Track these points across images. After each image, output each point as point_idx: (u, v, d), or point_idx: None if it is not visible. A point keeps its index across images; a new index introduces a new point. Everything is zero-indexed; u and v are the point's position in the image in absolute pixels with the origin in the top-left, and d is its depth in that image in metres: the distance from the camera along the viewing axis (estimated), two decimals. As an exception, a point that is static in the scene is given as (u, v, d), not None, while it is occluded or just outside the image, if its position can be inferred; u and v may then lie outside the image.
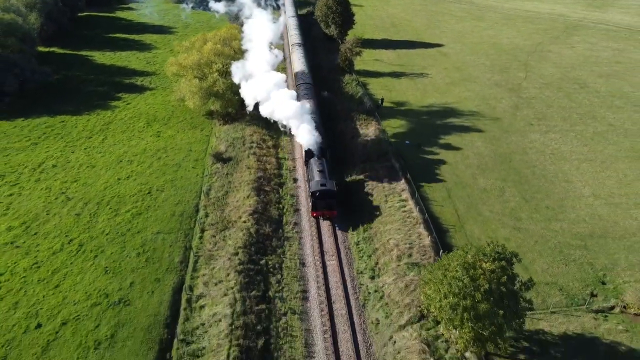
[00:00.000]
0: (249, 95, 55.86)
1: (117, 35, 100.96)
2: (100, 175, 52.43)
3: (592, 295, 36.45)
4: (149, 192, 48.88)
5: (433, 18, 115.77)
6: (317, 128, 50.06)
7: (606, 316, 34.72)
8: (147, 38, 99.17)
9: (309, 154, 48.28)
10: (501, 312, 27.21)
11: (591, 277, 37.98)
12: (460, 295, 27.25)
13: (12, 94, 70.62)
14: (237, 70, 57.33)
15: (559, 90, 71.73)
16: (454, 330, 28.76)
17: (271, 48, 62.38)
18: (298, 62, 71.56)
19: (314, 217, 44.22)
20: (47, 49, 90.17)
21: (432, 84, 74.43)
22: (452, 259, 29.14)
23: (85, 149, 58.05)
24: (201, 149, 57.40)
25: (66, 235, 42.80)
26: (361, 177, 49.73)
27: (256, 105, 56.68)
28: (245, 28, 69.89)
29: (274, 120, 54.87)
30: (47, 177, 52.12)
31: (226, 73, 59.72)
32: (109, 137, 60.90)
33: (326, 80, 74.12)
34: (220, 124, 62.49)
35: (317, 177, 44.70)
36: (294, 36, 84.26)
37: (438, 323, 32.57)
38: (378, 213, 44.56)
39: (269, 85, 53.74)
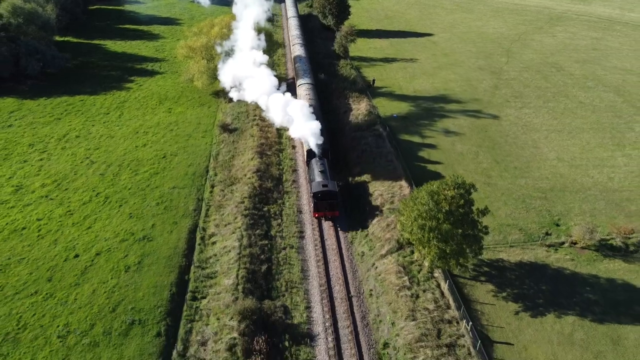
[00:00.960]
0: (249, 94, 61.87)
1: (127, 26, 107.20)
2: (119, 144, 58.68)
3: (547, 234, 42.67)
4: (163, 157, 55.15)
5: (425, 10, 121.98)
6: (319, 125, 49.98)
7: (556, 249, 40.96)
8: (155, 29, 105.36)
9: (310, 154, 48.38)
10: (460, 231, 33.43)
11: (547, 221, 44.22)
12: (426, 217, 33.48)
13: (35, 77, 76.85)
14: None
15: (537, 73, 77.97)
16: (422, 249, 34.94)
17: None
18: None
19: (315, 217, 44.10)
20: (62, 38, 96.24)
21: (420, 68, 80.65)
22: (421, 190, 35.41)
23: (104, 123, 64.27)
24: (209, 122, 63.61)
25: (93, 190, 49.08)
26: (354, 144, 55.92)
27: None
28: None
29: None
30: (71, 145, 58.36)
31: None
32: (125, 113, 67.13)
33: (322, 65, 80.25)
34: (225, 102, 68.67)
35: (318, 177, 44.56)
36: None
37: (412, 252, 38.83)
38: (368, 175, 50.73)
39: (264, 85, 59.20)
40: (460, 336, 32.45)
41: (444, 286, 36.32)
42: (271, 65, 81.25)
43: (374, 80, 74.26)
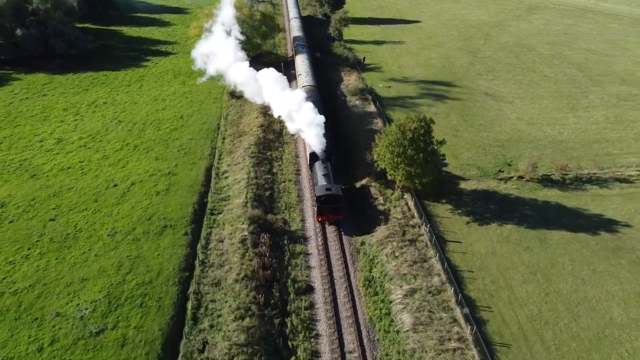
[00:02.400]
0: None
1: (139, 14, 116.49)
2: (141, 108, 67.97)
3: (500, 171, 51.97)
4: (181, 117, 64.45)
5: (415, 1, 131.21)
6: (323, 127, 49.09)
7: (506, 181, 50.30)
8: (165, 17, 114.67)
9: (313, 157, 47.89)
10: (422, 155, 42.67)
11: (501, 162, 53.54)
12: (395, 145, 42.75)
13: (61, 57, 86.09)
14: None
15: (509, 53, 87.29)
16: (393, 172, 44.18)
17: None
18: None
19: (319, 222, 43.59)
20: (82, 25, 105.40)
21: (406, 49, 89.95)
22: (392, 125, 44.71)
23: (126, 92, 73.58)
24: (219, 91, 72.83)
25: (123, 141, 58.40)
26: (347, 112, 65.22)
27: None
28: None
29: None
30: (100, 109, 67.66)
31: (241, 34, 75.00)
32: (144, 85, 76.42)
33: (319, 46, 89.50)
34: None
35: (321, 181, 43.97)
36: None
37: (388, 181, 48.04)
38: (358, 134, 60.01)
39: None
40: (420, 235, 41.78)
41: (411, 204, 45.65)
42: (272, 46, 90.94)
43: (364, 58, 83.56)
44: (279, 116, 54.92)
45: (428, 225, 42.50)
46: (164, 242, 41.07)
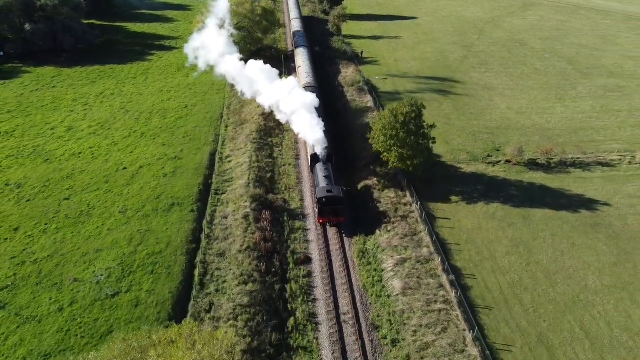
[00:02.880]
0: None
1: (143, 11, 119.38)
2: (147, 98, 70.87)
3: (489, 156, 54.80)
4: (185, 107, 67.35)
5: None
6: (325, 130, 48.90)
7: (494, 165, 53.16)
8: (168, 13, 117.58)
9: (314, 158, 47.54)
10: (413, 138, 45.51)
11: (490, 147, 56.39)
12: (388, 128, 45.60)
13: (69, 51, 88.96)
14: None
15: (502, 47, 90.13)
16: (387, 154, 47.02)
17: None
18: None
19: (320, 223, 43.40)
20: (88, 21, 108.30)
21: (402, 44, 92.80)
22: (385, 110, 47.56)
23: (133, 84, 76.49)
24: (222, 83, 75.51)
25: (131, 129, 61.31)
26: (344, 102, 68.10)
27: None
28: None
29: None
30: (108, 100, 70.55)
31: (242, 28, 77.98)
32: (149, 77, 79.34)
33: (318, 41, 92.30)
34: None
35: (322, 183, 43.60)
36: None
37: (381, 164, 50.83)
38: (354, 121, 62.86)
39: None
40: (411, 212, 44.65)
41: (404, 184, 48.51)
42: (273, 41, 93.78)
43: (362, 52, 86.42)
44: (269, 107, 56.00)
45: (419, 203, 45.39)
46: (172, 218, 43.97)
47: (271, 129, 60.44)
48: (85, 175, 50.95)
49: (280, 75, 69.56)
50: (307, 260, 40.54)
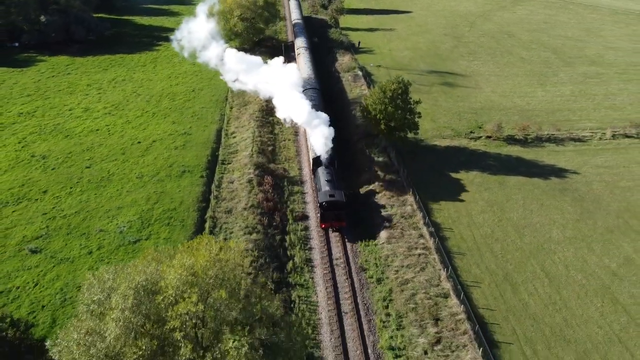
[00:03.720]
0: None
1: (149, 6, 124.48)
2: (157, 84, 75.99)
3: (471, 132, 59.91)
4: (193, 90, 72.51)
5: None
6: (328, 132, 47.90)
7: (475, 140, 58.26)
8: (174, 7, 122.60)
9: (317, 162, 47.10)
10: (400, 112, 50.61)
11: (473, 125, 61.49)
12: (378, 103, 50.71)
13: (80, 42, 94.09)
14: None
15: (491, 38, 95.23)
16: (377, 127, 52.12)
17: None
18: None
19: (322, 228, 42.92)
20: (96, 15, 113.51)
21: (397, 35, 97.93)
22: (376, 87, 52.68)
23: (142, 71, 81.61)
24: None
25: (143, 110, 66.43)
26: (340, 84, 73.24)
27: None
28: None
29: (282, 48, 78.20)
30: (120, 85, 75.68)
31: (245, 19, 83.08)
32: (158, 65, 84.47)
33: (317, 33, 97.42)
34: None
35: (325, 187, 43.11)
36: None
37: (374, 137, 55.98)
38: (350, 101, 67.96)
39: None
40: (398, 178, 49.75)
41: (392, 155, 53.64)
42: (274, 33, 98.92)
43: (359, 42, 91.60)
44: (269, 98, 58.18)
45: (405, 170, 50.53)
46: (183, 182, 49.14)
47: (272, 109, 65.21)
48: (104, 148, 56.09)
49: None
50: (305, 217, 45.66)
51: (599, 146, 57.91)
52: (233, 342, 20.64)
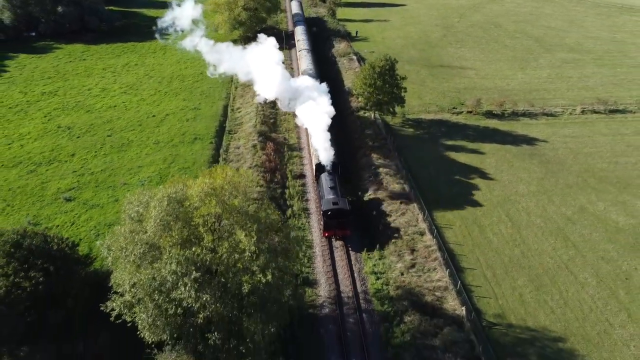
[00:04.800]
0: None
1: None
2: (167, 68, 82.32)
3: (454, 108, 66.15)
4: (201, 73, 78.76)
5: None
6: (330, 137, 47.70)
7: (457, 114, 64.53)
8: (179, 1, 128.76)
9: (320, 168, 46.47)
10: (387, 86, 56.88)
11: (456, 102, 67.73)
12: (367, 78, 56.97)
13: (94, 31, 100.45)
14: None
15: (479, 28, 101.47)
16: (367, 101, 58.39)
17: None
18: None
19: (325, 237, 42.04)
20: (107, 7, 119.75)
21: (390, 25, 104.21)
22: (366, 64, 58.94)
23: (153, 57, 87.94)
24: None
25: (156, 89, 72.77)
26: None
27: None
28: None
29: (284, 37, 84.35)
30: (133, 69, 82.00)
31: (248, 8, 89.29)
32: (167, 52, 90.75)
33: (315, 24, 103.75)
34: (242, 45, 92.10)
35: (328, 194, 42.37)
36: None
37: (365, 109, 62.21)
38: (345, 80, 74.22)
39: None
40: (386, 143, 56.02)
41: (382, 127, 59.94)
42: (276, 23, 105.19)
43: (356, 32, 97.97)
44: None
45: (391, 137, 56.85)
46: (195, 147, 55.48)
47: (274, 89, 71.76)
48: (122, 121, 62.43)
49: (281, 49, 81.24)
50: (302, 176, 51.96)
51: (569, 120, 64.12)
52: (245, 235, 26.88)
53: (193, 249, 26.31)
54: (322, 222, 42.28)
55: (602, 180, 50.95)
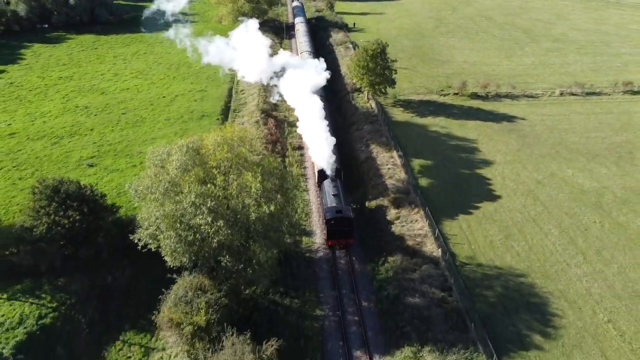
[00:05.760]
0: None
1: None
2: (174, 56, 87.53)
3: (442, 90, 71.39)
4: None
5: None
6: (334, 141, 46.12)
7: (444, 96, 69.81)
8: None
9: (322, 175, 45.33)
10: (379, 68, 62.11)
11: (444, 85, 72.99)
12: (361, 60, 62.24)
13: (103, 23, 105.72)
14: None
15: (469, 20, 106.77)
16: (360, 82, 63.66)
17: None
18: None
19: (328, 246, 41.03)
20: (115, 1, 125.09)
21: (386, 18, 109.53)
22: (359, 48, 64.25)
23: (161, 46, 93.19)
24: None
25: (165, 74, 78.06)
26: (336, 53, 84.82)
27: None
28: None
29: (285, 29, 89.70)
30: (142, 57, 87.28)
31: (251, 0, 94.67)
32: (174, 42, 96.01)
33: (314, 17, 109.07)
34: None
35: (331, 202, 41.14)
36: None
37: (359, 91, 67.48)
38: (341, 63, 79.51)
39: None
40: (377, 120, 61.29)
41: (374, 105, 65.24)
42: (277, 15, 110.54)
43: (354, 24, 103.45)
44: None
45: (382, 115, 62.14)
46: (203, 123, 60.76)
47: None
48: (135, 102, 67.69)
49: (281, 41, 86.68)
50: (300, 147, 57.25)
51: (548, 101, 69.36)
52: (251, 175, 32.14)
53: (208, 185, 31.57)
54: (325, 231, 40.94)
55: (572, 152, 56.19)
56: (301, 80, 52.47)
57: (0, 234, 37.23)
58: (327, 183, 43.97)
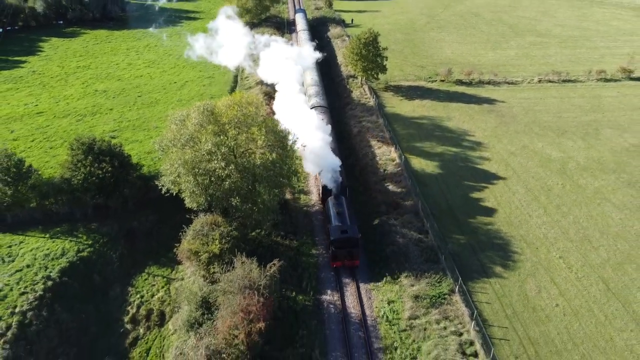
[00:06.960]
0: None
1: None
2: (183, 48, 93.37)
3: (429, 77, 77.80)
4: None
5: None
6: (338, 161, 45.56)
7: (432, 82, 76.22)
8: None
9: (326, 191, 44.02)
10: (371, 55, 68.51)
11: (432, 73, 79.39)
12: (355, 47, 68.66)
13: (114, 19, 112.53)
14: None
15: (459, 17, 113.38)
16: (354, 67, 70.05)
17: None
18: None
19: (333, 267, 39.29)
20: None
21: (381, 15, 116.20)
22: (354, 37, 70.69)
23: (170, 40, 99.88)
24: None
25: (175, 63, 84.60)
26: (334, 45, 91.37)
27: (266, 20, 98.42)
28: None
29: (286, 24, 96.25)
30: (153, 49, 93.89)
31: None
32: (182, 37, 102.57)
33: (313, 14, 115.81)
34: (253, 32, 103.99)
35: (336, 221, 39.56)
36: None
37: (354, 78, 73.91)
38: (338, 54, 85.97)
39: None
40: (369, 102, 67.68)
41: (367, 89, 71.67)
42: (278, 12, 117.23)
43: (352, 20, 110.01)
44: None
45: (374, 97, 68.57)
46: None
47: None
48: (149, 86, 74.18)
49: (282, 34, 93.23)
50: (300, 125, 63.50)
51: (527, 87, 75.69)
52: (257, 129, 38.45)
53: (221, 137, 37.87)
54: (330, 252, 39.37)
55: (544, 128, 62.46)
56: (296, 100, 56.82)
57: (42, 186, 43.49)
58: (331, 200, 42.27)
